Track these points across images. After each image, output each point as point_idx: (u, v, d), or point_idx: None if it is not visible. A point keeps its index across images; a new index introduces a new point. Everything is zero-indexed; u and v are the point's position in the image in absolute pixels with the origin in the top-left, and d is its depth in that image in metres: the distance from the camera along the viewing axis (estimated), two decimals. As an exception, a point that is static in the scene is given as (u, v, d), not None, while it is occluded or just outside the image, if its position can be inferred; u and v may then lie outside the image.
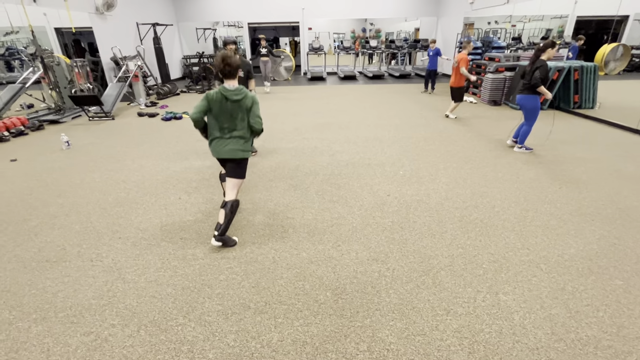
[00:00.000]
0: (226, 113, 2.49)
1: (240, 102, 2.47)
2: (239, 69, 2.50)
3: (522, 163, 4.23)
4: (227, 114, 2.49)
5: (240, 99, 2.45)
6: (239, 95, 2.45)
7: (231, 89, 2.44)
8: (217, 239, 2.59)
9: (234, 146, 2.54)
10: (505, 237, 2.70)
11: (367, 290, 2.15)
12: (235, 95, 2.43)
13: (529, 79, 4.21)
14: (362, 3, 13.27)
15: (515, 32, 11.20)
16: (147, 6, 11.18)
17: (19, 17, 6.64)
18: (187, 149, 4.96)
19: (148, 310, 2.03)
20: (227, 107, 2.47)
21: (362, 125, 6.17)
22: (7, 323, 1.96)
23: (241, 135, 2.54)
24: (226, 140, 2.53)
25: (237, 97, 2.44)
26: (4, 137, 5.57)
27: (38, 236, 2.83)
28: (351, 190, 3.57)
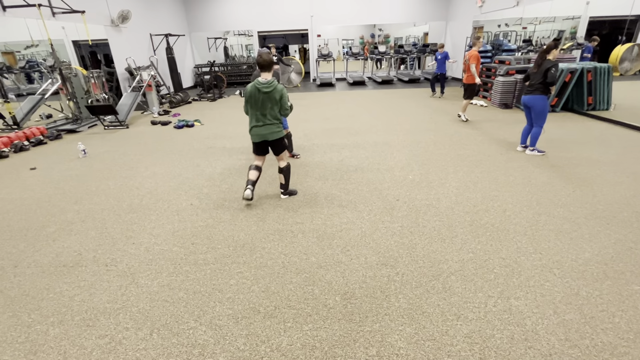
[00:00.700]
0: (259, 103, 3.07)
1: (269, 93, 3.04)
2: (272, 65, 3.04)
3: (534, 166, 4.17)
4: (259, 103, 3.07)
5: (270, 91, 3.03)
6: (269, 88, 3.01)
7: (263, 82, 3.01)
8: (283, 194, 3.55)
9: (270, 130, 3.17)
10: (517, 242, 2.66)
11: (376, 295, 2.15)
12: (265, 88, 3.01)
13: (539, 79, 4.17)
14: (370, 9, 13.36)
15: (526, 34, 11.08)
16: (160, 18, 11.49)
17: (39, 31, 6.92)
18: (199, 156, 5.05)
19: (160, 314, 2.07)
20: (259, 98, 3.05)
21: (371, 130, 6.18)
22: (27, 326, 2.02)
23: (274, 121, 3.16)
24: (262, 127, 3.15)
25: (267, 89, 3.01)
26: (24, 147, 5.78)
27: (56, 242, 2.92)
28: (360, 195, 3.58)
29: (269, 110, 3.10)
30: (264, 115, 3.12)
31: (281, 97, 3.08)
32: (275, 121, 3.17)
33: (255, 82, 3.04)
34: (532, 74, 4.28)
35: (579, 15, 9.92)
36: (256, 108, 3.11)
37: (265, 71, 3.03)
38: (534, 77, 4.26)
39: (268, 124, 3.16)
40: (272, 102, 3.07)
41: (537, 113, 4.32)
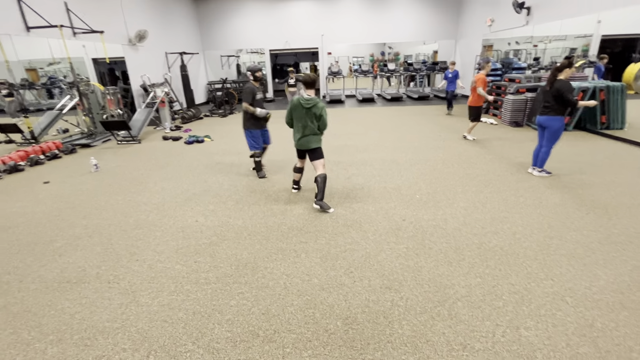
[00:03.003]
0: (302, 117, 3.48)
1: (310, 109, 3.45)
2: (315, 83, 3.46)
3: (546, 187, 4.07)
4: (302, 117, 3.48)
5: (310, 107, 3.44)
6: (310, 104, 3.43)
7: (306, 98, 3.43)
8: (316, 203, 3.67)
9: (312, 139, 3.56)
10: (527, 267, 2.56)
11: (379, 321, 2.09)
12: (307, 104, 3.43)
13: (552, 101, 4.10)
14: (380, 28, 13.59)
15: (537, 52, 11.05)
16: (175, 37, 11.90)
17: (60, 49, 7.22)
18: (207, 172, 5.10)
19: (159, 335, 2.04)
20: (302, 112, 3.47)
21: (379, 147, 6.17)
22: (25, 344, 2.02)
23: (313, 133, 3.55)
24: (306, 137, 3.54)
25: (308, 105, 3.43)
26: (40, 161, 5.94)
27: (62, 257, 2.95)
28: (366, 214, 3.53)
29: (310, 123, 3.50)
30: (305, 127, 3.52)
31: (321, 115, 3.48)
32: (316, 133, 3.57)
33: (299, 98, 3.46)
34: (545, 93, 4.22)
35: (590, 34, 9.87)
36: (299, 120, 3.53)
37: (309, 89, 3.45)
38: (546, 97, 4.19)
39: (309, 135, 3.55)
40: (312, 116, 3.47)
41: (551, 133, 4.21)
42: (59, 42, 7.09)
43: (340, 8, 13.41)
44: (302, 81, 3.45)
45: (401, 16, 13.39)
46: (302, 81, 3.47)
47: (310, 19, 13.56)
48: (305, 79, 3.41)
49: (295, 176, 4.11)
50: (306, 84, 3.44)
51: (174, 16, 11.89)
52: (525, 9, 9.01)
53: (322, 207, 3.64)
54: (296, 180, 4.16)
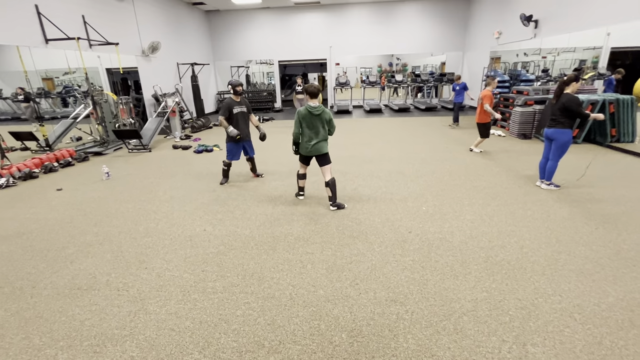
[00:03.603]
0: (312, 124, 3.71)
1: (320, 115, 3.70)
2: (320, 93, 3.73)
3: (554, 201, 4.04)
4: (312, 124, 3.71)
5: (320, 113, 3.69)
6: (319, 111, 3.67)
7: (314, 106, 3.66)
8: (332, 206, 3.95)
9: (324, 145, 3.82)
10: (535, 282, 2.54)
11: (384, 334, 2.09)
12: (316, 111, 3.66)
13: (558, 114, 4.10)
14: (388, 40, 13.73)
15: (546, 64, 11.05)
16: (187, 48, 12.19)
17: (76, 60, 7.46)
18: (215, 181, 5.17)
19: (166, 343, 2.07)
20: (312, 120, 3.69)
21: (386, 158, 6.19)
22: (37, 349, 2.06)
23: (324, 138, 3.81)
24: (320, 143, 3.78)
25: (318, 112, 3.67)
26: (53, 168, 6.09)
27: (73, 264, 3.01)
28: (372, 225, 3.55)
29: (321, 129, 3.75)
30: (317, 133, 3.75)
31: (330, 119, 3.78)
32: (326, 138, 3.85)
33: (307, 107, 3.67)
34: (552, 106, 4.22)
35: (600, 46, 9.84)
36: (310, 128, 3.73)
37: (313, 99, 3.70)
38: (553, 110, 4.19)
39: (321, 141, 3.80)
40: (322, 122, 3.73)
41: (558, 146, 4.20)
42: (75, 53, 7.33)
43: (349, 20, 13.62)
44: (308, 92, 3.69)
45: (409, 28, 13.54)
46: (307, 92, 3.70)
47: (319, 30, 13.79)
48: (310, 90, 3.66)
49: (300, 182, 4.24)
50: (311, 94, 3.69)
51: (186, 28, 12.20)
52: (533, 22, 9.04)
53: (339, 207, 3.96)
54: (302, 186, 4.30)
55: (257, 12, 13.67)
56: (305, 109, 3.67)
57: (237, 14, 13.77)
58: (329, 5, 13.42)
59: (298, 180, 4.24)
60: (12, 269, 2.97)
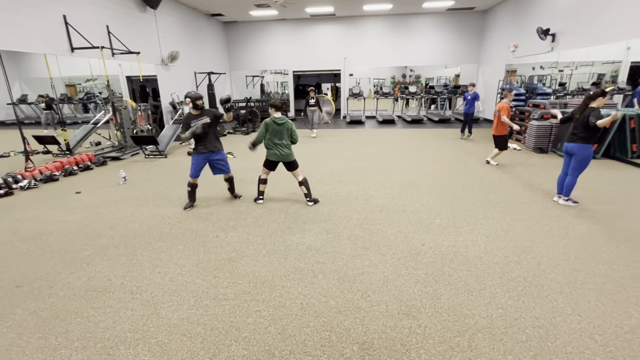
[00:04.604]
0: (277, 132, 4.16)
1: (283, 125, 4.15)
2: (283, 106, 4.17)
3: (573, 217, 3.94)
4: (278, 133, 4.16)
5: (283, 123, 4.15)
6: (282, 120, 4.15)
7: (277, 117, 4.14)
8: (309, 202, 4.43)
9: (285, 152, 4.24)
10: (553, 300, 2.47)
11: (395, 348, 2.05)
12: (280, 120, 4.14)
13: (581, 129, 4.01)
14: (402, 51, 13.80)
15: (563, 77, 10.90)
16: (204, 57, 12.50)
17: (99, 67, 7.73)
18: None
19: (177, 349, 2.08)
20: (277, 129, 4.15)
21: (399, 169, 6.17)
22: (52, 349, 2.10)
23: (287, 145, 4.25)
24: (280, 149, 4.20)
25: (281, 122, 4.14)
26: (73, 171, 6.27)
27: (89, 265, 3.07)
28: (384, 237, 3.52)
29: (285, 137, 4.20)
30: (281, 140, 4.18)
31: (291, 128, 4.22)
32: (289, 145, 4.27)
33: (272, 118, 4.14)
34: (575, 120, 4.13)
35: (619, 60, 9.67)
36: (275, 136, 4.16)
37: (278, 111, 4.17)
38: (576, 124, 4.10)
39: (285, 147, 4.22)
40: (286, 131, 4.18)
41: (578, 161, 4.10)
42: (98, 61, 7.60)
43: (363, 31, 13.76)
44: (273, 105, 4.16)
45: (424, 40, 13.59)
46: (273, 105, 4.16)
47: (334, 41, 13.96)
48: (275, 104, 4.16)
49: (262, 187, 4.51)
50: (276, 107, 4.17)
51: (205, 38, 12.53)
52: (550, 35, 8.97)
53: (316, 202, 4.47)
54: (262, 191, 4.55)
55: (273, 23, 13.96)
56: (271, 119, 4.14)
57: (253, 25, 14.09)
58: (344, 17, 13.61)
59: (260, 185, 4.49)
60: (31, 268, 3.04)
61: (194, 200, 4.52)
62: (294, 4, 11.32)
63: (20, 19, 5.97)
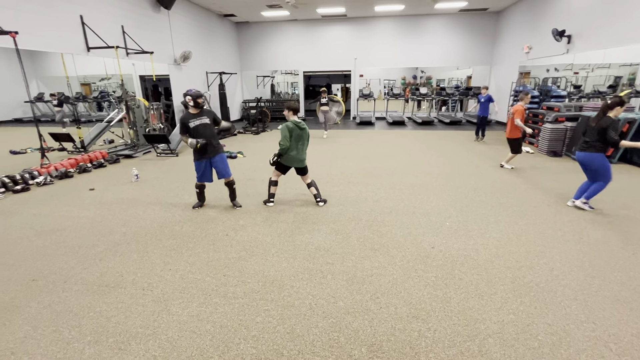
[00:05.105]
0: (300, 137, 4.13)
1: (305, 130, 4.15)
2: (298, 109, 4.15)
3: (587, 222, 3.85)
4: (301, 137, 4.13)
5: (305, 127, 4.14)
6: (304, 125, 4.13)
7: (299, 121, 4.09)
8: (319, 202, 4.45)
9: (305, 157, 4.27)
10: (566, 306, 2.42)
11: (405, 351, 2.04)
12: (302, 125, 4.12)
13: (594, 137, 3.90)
14: (414, 53, 13.71)
15: (578, 79, 10.69)
16: (216, 57, 12.62)
17: (113, 66, 7.87)
18: (238, 187, 5.24)
19: (187, 345, 2.10)
20: (299, 133, 4.11)
21: (409, 171, 6.12)
22: (66, 342, 2.14)
23: (304, 151, 4.25)
24: (302, 155, 4.21)
25: (303, 126, 4.13)
26: (87, 169, 6.39)
27: (102, 261, 3.13)
28: (394, 239, 3.50)
29: (306, 142, 4.22)
30: (303, 145, 4.20)
31: (309, 133, 4.22)
32: (306, 151, 4.27)
33: (293, 121, 4.06)
34: (589, 128, 4.00)
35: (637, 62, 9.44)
36: (298, 140, 4.12)
37: (296, 114, 4.16)
38: (590, 132, 3.97)
39: (305, 153, 4.25)
40: (306, 135, 4.19)
41: (595, 172, 4.00)
42: (112, 60, 7.73)
43: (374, 32, 13.71)
44: (291, 108, 4.11)
45: (436, 41, 13.48)
46: (290, 108, 4.11)
47: (345, 42, 13.95)
48: (292, 106, 4.12)
49: (273, 189, 4.42)
50: (294, 110, 4.13)
51: (217, 38, 12.65)
52: (565, 37, 8.81)
53: (325, 202, 4.51)
54: (273, 193, 4.46)
55: (284, 24, 14.02)
56: (293, 123, 4.04)
57: (265, 26, 14.16)
58: (355, 18, 13.59)
59: (270, 187, 4.40)
60: (46, 263, 3.11)
61: (203, 200, 4.49)
62: (305, 4, 11.36)
63: (41, 19, 6.12)
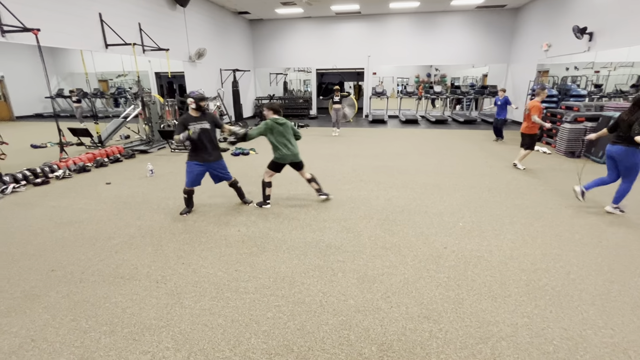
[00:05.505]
0: (282, 133, 4.03)
1: (285, 124, 4.04)
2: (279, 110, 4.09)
3: (607, 225, 3.74)
4: (282, 133, 4.03)
5: (284, 122, 4.04)
6: (282, 121, 4.04)
7: (278, 117, 4.04)
8: (320, 195, 4.48)
9: (296, 150, 4.14)
10: (583, 311, 2.36)
11: (415, 351, 2.02)
12: (280, 121, 4.03)
13: (627, 131, 3.74)
14: (429, 50, 13.53)
15: (599, 78, 10.37)
16: (230, 55, 12.72)
17: (130, 63, 8.02)
18: (251, 183, 5.30)
19: (199, 338, 2.13)
20: (280, 129, 4.02)
21: (422, 170, 6.06)
22: (83, 331, 2.20)
23: (295, 143, 4.15)
24: (292, 148, 4.08)
25: (282, 121, 4.04)
26: (104, 163, 6.54)
27: (118, 254, 3.20)
28: (405, 238, 3.47)
29: (290, 137, 4.10)
30: (289, 141, 4.08)
31: (292, 126, 4.15)
32: (296, 144, 4.17)
33: (272, 119, 4.01)
34: (621, 122, 3.84)
35: (663, 61, 9.09)
36: (281, 136, 4.03)
37: (276, 114, 4.06)
38: (622, 127, 3.82)
39: (295, 147, 4.13)
40: (290, 130, 4.11)
41: (625, 167, 3.86)
42: (129, 57, 7.88)
43: (389, 29, 13.58)
44: (272, 108, 4.05)
45: (451, 39, 13.26)
46: (272, 108, 4.05)
47: (359, 40, 13.86)
48: (275, 107, 4.07)
49: (268, 191, 4.29)
50: (273, 109, 4.06)
51: (231, 36, 12.75)
52: (587, 34, 8.54)
53: (327, 196, 4.50)
54: (269, 195, 4.34)
55: (298, 21, 14.01)
56: (271, 120, 4.00)
57: (278, 23, 14.19)
58: (369, 15, 13.48)
59: (265, 188, 4.25)
60: (64, 254, 3.20)
61: (192, 206, 4.21)
62: (319, 1, 11.32)
63: (62, 17, 6.28)
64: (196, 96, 3.83)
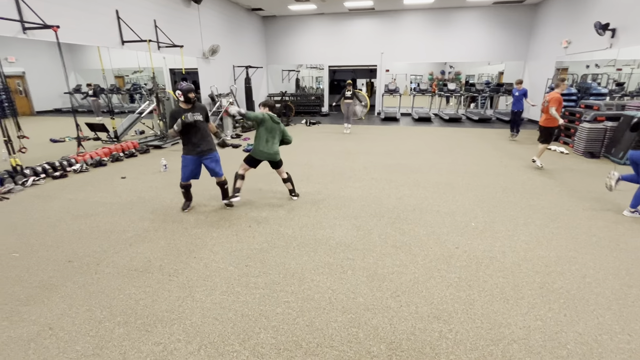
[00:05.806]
0: (272, 129, 4.08)
1: (279, 124, 4.16)
2: (274, 106, 4.23)
3: (626, 228, 3.63)
4: (273, 130, 4.09)
5: (279, 122, 4.15)
6: (278, 120, 4.14)
7: (274, 115, 4.12)
8: (293, 196, 4.51)
9: (274, 150, 4.14)
10: (599, 316, 2.30)
11: (425, 351, 2.01)
12: (276, 119, 4.13)
13: None
14: (443, 47, 13.31)
15: (621, 76, 10.02)
16: (243, 51, 12.78)
17: (145, 60, 8.15)
18: (262, 180, 5.34)
19: (210, 331, 2.17)
20: (273, 126, 4.08)
21: (434, 169, 5.99)
22: (98, 321, 2.26)
23: (277, 145, 4.19)
24: (271, 148, 4.09)
25: (278, 120, 4.14)
26: (119, 158, 6.68)
27: (132, 246, 3.27)
28: (416, 237, 3.44)
29: (277, 137, 4.16)
30: (274, 138, 4.12)
31: (283, 130, 4.22)
32: (279, 146, 4.22)
33: (268, 114, 4.07)
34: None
35: (690, 59, 8.73)
36: (269, 132, 4.06)
37: (272, 110, 4.16)
38: None
39: (276, 146, 4.16)
40: (279, 130, 4.17)
41: None
42: (145, 54, 8.00)
43: (402, 26, 13.41)
44: (267, 105, 4.16)
45: (466, 35, 13.01)
46: (267, 105, 4.16)
47: (372, 36, 13.73)
48: (270, 103, 4.19)
49: (239, 183, 4.22)
50: (269, 106, 4.16)
51: (244, 32, 12.80)
52: (609, 30, 8.26)
53: (298, 196, 4.55)
54: (239, 187, 4.24)
55: (311, 17, 13.97)
56: (269, 115, 4.05)
57: (291, 20, 14.17)
58: (383, 12, 13.34)
59: (237, 180, 4.19)
60: (81, 245, 3.29)
61: (191, 199, 4.24)
62: (333, -2, 11.25)
63: (80, 14, 6.41)
64: (184, 88, 3.71)
